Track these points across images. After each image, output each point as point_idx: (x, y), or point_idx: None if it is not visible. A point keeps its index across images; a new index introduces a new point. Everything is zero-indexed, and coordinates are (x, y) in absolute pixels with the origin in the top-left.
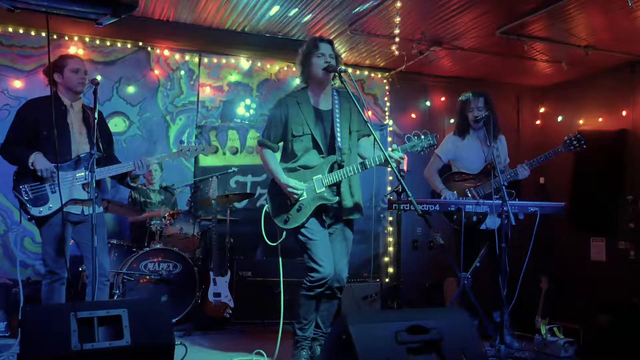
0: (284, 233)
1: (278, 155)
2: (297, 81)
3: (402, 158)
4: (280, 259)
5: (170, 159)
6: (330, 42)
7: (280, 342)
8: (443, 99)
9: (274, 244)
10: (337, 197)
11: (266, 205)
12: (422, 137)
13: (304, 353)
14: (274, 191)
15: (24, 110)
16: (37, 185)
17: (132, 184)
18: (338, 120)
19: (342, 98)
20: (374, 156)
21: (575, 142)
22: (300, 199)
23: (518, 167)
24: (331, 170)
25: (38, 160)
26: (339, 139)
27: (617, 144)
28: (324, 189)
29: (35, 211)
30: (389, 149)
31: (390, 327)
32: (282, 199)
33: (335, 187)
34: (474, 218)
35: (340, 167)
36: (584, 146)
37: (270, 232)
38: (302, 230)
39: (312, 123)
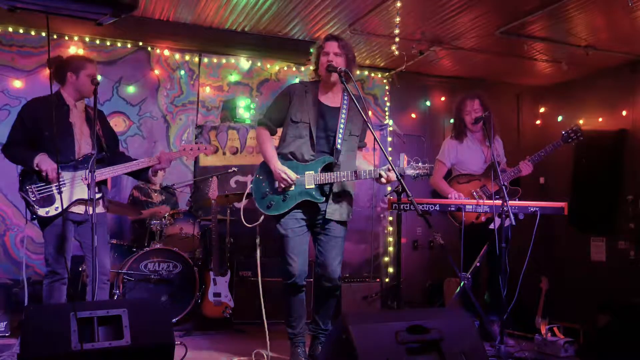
0: (262, 217)
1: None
2: (297, 81)
3: (391, 180)
4: (258, 258)
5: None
6: (337, 39)
7: (270, 343)
8: (443, 99)
9: (250, 225)
10: (324, 198)
11: (251, 186)
12: (420, 164)
13: (299, 351)
14: (262, 174)
15: (26, 110)
16: (43, 186)
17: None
18: (343, 120)
19: (352, 101)
20: (370, 170)
21: (572, 135)
22: (289, 189)
23: (520, 163)
24: (324, 170)
25: (43, 161)
26: (339, 140)
27: (617, 144)
28: (313, 186)
29: (42, 212)
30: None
31: (390, 327)
32: (270, 184)
33: (328, 187)
34: (483, 218)
35: (334, 169)
36: (581, 138)
37: (250, 213)
38: (279, 223)
39: (312, 114)
